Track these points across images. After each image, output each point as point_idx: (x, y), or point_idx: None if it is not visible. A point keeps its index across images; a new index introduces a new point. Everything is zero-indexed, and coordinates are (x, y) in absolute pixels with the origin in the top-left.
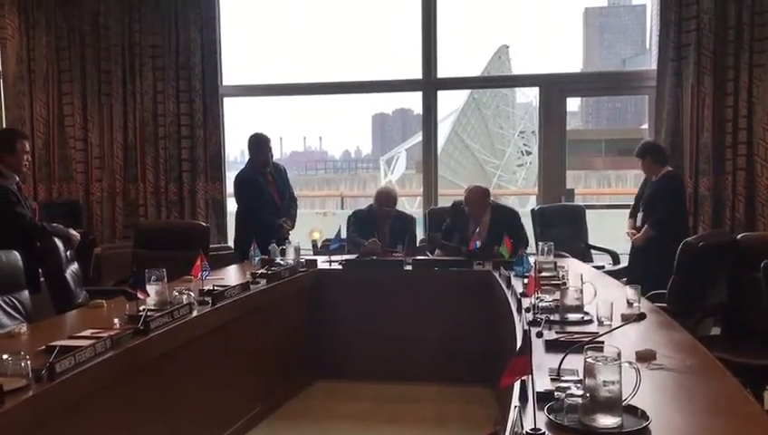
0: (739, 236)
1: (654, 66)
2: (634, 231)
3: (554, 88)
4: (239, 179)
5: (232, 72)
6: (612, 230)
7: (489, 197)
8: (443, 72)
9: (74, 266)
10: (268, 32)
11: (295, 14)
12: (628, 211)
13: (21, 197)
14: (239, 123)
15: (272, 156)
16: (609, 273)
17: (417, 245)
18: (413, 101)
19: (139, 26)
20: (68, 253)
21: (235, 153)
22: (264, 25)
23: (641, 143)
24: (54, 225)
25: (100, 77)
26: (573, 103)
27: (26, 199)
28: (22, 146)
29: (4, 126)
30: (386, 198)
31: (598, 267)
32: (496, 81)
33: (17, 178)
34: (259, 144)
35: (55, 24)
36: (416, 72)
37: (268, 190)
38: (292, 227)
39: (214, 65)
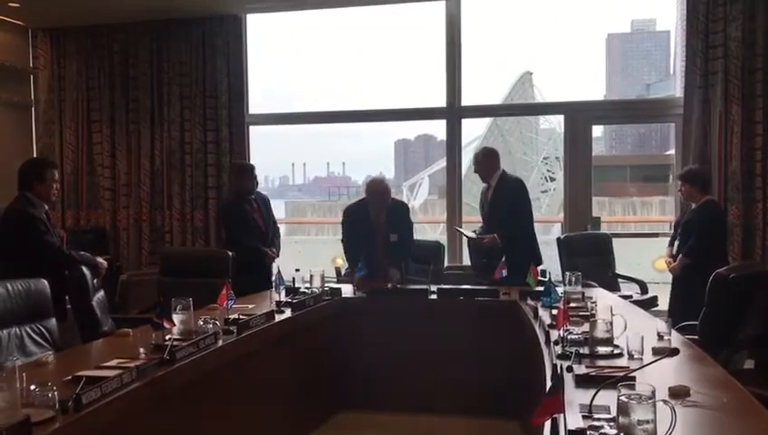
0: None
1: (678, 92)
2: (671, 259)
3: (580, 116)
4: (225, 208)
5: (258, 99)
6: (639, 258)
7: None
8: (466, 98)
9: (101, 294)
10: (294, 60)
11: (321, 43)
12: (654, 239)
13: (50, 225)
14: (264, 150)
15: (256, 184)
16: (637, 302)
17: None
18: (436, 128)
19: (167, 56)
20: (95, 281)
21: (259, 180)
22: (290, 54)
23: (687, 168)
24: (82, 253)
25: (129, 105)
26: (597, 129)
27: (54, 227)
28: (51, 175)
29: (35, 154)
30: (375, 185)
31: (625, 297)
32: (521, 108)
33: (46, 207)
34: (241, 172)
35: (85, 54)
36: (440, 101)
37: (254, 218)
38: (278, 256)
39: (240, 94)
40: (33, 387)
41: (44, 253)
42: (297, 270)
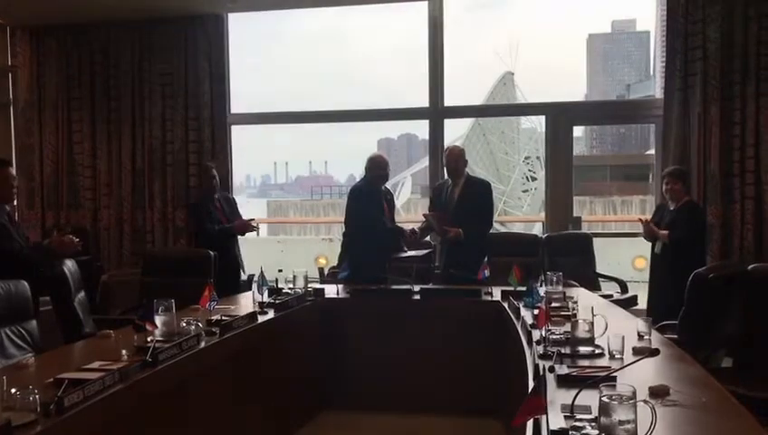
0: (750, 267)
1: (658, 93)
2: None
3: (561, 116)
4: (190, 207)
5: (240, 99)
6: (619, 258)
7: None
8: (448, 98)
9: (81, 295)
10: (277, 60)
11: (304, 43)
12: (634, 239)
13: (12, 228)
14: (246, 149)
15: (216, 183)
16: (618, 301)
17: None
18: (418, 127)
19: (148, 55)
20: (75, 280)
21: (241, 180)
22: (274, 54)
23: (675, 167)
24: (44, 243)
25: (110, 104)
26: (578, 129)
27: (19, 228)
28: (7, 174)
29: (13, 154)
30: (382, 161)
31: (606, 296)
32: (503, 109)
33: (8, 208)
34: (202, 173)
35: (66, 53)
36: (423, 101)
37: (217, 216)
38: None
39: (222, 93)
40: (13, 390)
41: (3, 261)
42: (280, 270)
